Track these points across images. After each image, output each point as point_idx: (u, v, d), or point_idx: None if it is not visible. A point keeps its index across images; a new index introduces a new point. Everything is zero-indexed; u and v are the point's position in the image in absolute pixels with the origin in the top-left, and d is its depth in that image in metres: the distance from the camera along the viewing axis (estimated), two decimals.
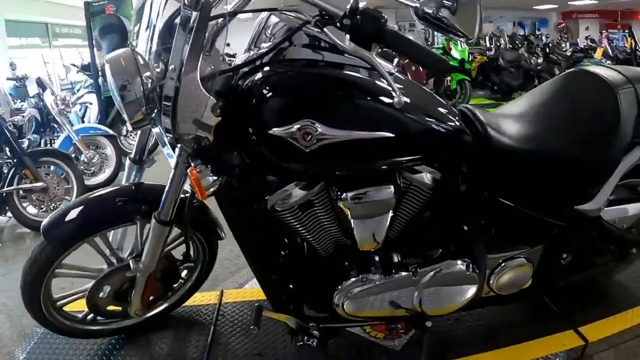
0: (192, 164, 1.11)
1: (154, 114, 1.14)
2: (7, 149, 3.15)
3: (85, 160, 3.90)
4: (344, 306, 1.35)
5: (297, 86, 1.13)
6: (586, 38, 9.73)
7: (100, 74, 4.62)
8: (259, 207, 1.23)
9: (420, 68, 6.79)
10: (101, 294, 1.59)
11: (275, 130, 1.08)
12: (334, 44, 1.04)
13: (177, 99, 1.05)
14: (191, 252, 1.71)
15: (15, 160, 3.13)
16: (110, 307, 1.66)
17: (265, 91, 1.11)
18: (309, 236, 1.29)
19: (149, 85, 1.10)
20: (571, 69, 1.69)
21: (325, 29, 1.03)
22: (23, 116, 3.43)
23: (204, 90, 1.06)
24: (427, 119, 1.24)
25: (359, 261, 1.37)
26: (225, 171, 1.16)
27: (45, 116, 4.02)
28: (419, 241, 1.44)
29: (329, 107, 1.11)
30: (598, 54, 7.27)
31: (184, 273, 1.80)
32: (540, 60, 7.40)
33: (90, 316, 1.68)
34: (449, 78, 7.18)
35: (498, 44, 8.67)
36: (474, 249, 1.44)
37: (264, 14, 1.20)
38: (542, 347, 1.68)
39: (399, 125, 1.17)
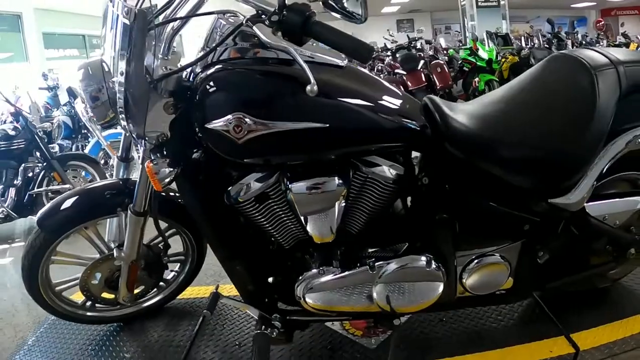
0: (151, 158, 1.19)
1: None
2: (37, 153, 3.37)
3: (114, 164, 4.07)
4: (306, 299, 1.35)
5: (228, 82, 1.17)
6: (622, 34, 9.33)
7: None
8: (221, 199, 1.27)
9: (446, 69, 6.72)
10: (94, 281, 1.69)
11: (211, 124, 1.14)
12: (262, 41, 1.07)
13: (127, 101, 1.12)
14: (175, 245, 1.79)
15: (44, 164, 3.35)
16: (105, 295, 1.76)
17: (203, 88, 1.16)
18: (269, 227, 1.31)
19: (115, 89, 1.19)
20: (553, 54, 1.55)
21: (255, 27, 1.06)
22: (52, 123, 3.65)
23: (154, 90, 1.14)
24: (372, 111, 1.23)
25: (319, 254, 1.37)
26: (181, 164, 1.23)
27: (77, 123, 4.25)
28: (381, 235, 1.42)
29: (256, 100, 1.14)
30: (632, 49, 6.96)
31: (177, 266, 1.89)
32: None
33: (88, 303, 1.79)
34: (477, 79, 7.05)
35: (532, 44, 8.43)
36: (438, 244, 1.39)
37: (214, 17, 1.24)
38: (527, 352, 1.58)
39: (332, 116, 1.18)
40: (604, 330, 1.63)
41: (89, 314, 1.81)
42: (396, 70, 6.84)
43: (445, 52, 8.43)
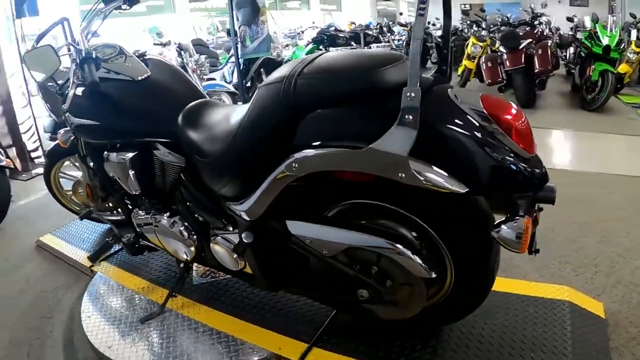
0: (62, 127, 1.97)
1: None
2: None
3: None
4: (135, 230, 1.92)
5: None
6: None
7: (238, 39, 5.55)
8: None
9: (549, 52, 6.00)
10: (81, 193, 2.54)
11: (64, 116, 1.80)
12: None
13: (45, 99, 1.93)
14: None
15: None
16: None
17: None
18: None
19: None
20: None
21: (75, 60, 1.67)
22: None
23: (59, 97, 1.89)
24: (131, 115, 1.65)
25: (140, 201, 1.82)
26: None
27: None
28: (166, 197, 1.75)
29: (70, 103, 1.75)
30: None
31: None
32: None
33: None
34: (592, 67, 6.10)
35: None
36: (183, 214, 1.69)
37: None
38: (260, 337, 1.63)
39: (101, 117, 1.69)
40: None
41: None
42: (500, 48, 6.39)
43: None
